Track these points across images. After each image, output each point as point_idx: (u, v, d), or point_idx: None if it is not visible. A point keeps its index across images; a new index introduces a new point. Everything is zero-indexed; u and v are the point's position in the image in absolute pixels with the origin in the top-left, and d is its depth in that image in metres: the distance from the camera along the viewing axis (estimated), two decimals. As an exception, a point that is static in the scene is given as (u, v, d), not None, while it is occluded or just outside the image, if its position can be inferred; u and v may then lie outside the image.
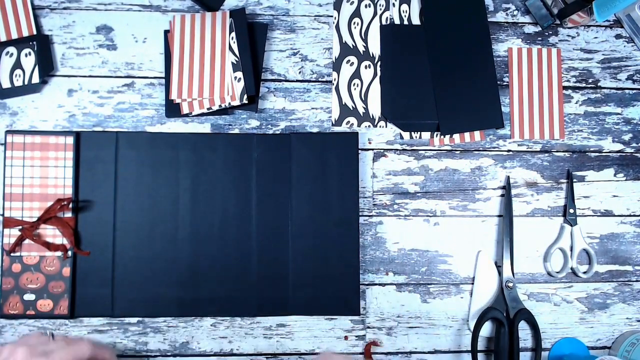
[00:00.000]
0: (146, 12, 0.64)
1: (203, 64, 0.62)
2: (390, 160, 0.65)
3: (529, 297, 0.65)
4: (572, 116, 0.67)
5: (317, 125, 0.65)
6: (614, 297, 0.66)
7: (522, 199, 0.66)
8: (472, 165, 0.66)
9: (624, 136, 0.67)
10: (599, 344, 0.66)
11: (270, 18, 0.65)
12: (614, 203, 0.67)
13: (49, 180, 0.60)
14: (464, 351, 0.64)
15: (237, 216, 0.62)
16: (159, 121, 0.63)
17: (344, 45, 0.65)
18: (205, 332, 0.62)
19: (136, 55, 0.64)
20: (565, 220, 0.66)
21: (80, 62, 0.63)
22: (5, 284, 0.59)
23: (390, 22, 0.66)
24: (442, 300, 0.64)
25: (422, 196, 0.65)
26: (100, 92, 0.63)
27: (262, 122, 0.64)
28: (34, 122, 0.62)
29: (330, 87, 0.65)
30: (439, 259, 0.65)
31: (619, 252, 0.66)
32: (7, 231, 0.60)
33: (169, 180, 0.62)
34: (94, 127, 0.63)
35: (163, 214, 0.61)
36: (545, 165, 0.66)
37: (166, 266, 0.61)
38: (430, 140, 0.66)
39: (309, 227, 0.62)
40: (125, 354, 0.61)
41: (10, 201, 0.60)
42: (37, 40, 0.61)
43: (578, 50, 0.68)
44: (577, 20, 0.65)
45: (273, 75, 0.65)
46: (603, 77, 0.68)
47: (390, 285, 0.64)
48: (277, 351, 0.63)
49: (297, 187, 0.63)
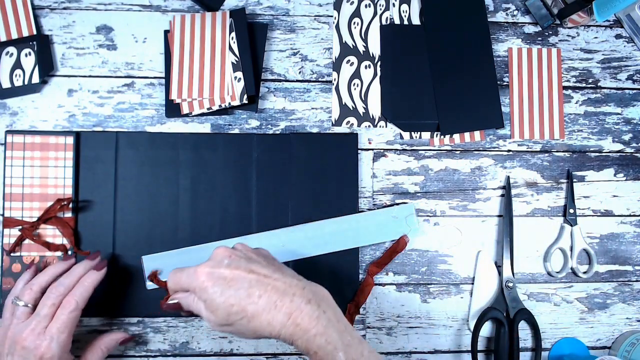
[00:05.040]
0: (146, 12, 0.64)
1: (203, 64, 0.62)
2: (390, 160, 0.65)
3: (529, 297, 0.65)
4: (572, 116, 0.67)
5: (317, 125, 0.65)
6: (614, 297, 0.66)
7: (522, 199, 0.66)
8: (472, 165, 0.66)
9: (624, 136, 0.67)
10: (599, 344, 0.66)
11: (270, 18, 0.65)
12: (614, 203, 0.67)
13: (49, 180, 0.60)
14: (464, 351, 0.64)
15: (237, 216, 0.62)
16: (159, 121, 0.63)
17: (344, 45, 0.65)
18: (205, 332, 0.62)
19: (136, 55, 0.64)
20: (565, 220, 0.66)
21: (80, 62, 0.63)
22: (5, 284, 0.59)
23: (390, 22, 0.66)
24: (442, 300, 0.64)
25: (422, 196, 0.65)
26: (100, 92, 0.63)
27: (262, 122, 0.64)
28: (34, 122, 0.62)
29: (330, 87, 0.65)
30: (439, 259, 0.65)
31: (619, 252, 0.66)
32: (7, 231, 0.60)
33: (169, 180, 0.62)
34: (94, 127, 0.63)
35: (163, 214, 0.61)
36: (545, 165, 0.66)
37: (166, 266, 0.61)
38: (430, 140, 0.66)
39: (309, 227, 0.62)
40: (125, 354, 0.61)
41: (10, 201, 0.60)
42: (37, 40, 0.61)
43: (578, 50, 0.68)
44: (577, 20, 0.65)
45: (273, 75, 0.65)
46: (603, 77, 0.68)
47: (390, 285, 0.64)
48: (277, 351, 0.63)
49: (297, 187, 0.63)
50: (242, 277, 0.48)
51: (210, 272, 0.48)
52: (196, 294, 0.48)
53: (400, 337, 0.64)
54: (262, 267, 0.49)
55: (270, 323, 0.46)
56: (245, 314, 0.47)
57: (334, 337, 0.46)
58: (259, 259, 0.51)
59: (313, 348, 0.46)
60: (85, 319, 0.61)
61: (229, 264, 0.49)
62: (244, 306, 0.47)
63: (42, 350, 0.50)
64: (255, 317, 0.47)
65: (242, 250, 0.52)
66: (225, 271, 0.48)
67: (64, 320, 0.51)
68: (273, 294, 0.47)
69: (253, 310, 0.47)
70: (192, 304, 0.50)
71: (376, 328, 0.63)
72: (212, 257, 0.50)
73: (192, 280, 0.48)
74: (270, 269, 0.49)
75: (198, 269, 0.49)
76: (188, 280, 0.49)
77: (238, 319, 0.47)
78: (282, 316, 0.46)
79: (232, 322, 0.47)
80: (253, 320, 0.47)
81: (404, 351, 0.64)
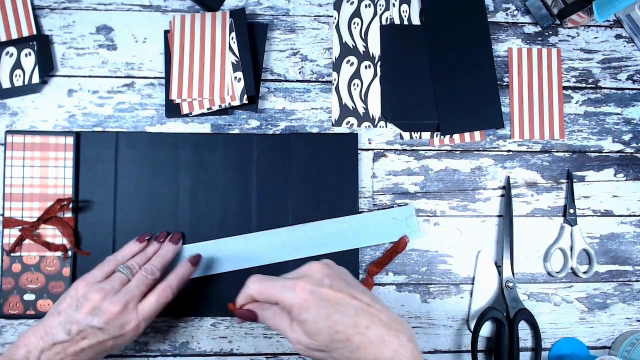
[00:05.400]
0: (146, 12, 0.64)
1: (203, 64, 0.62)
2: (390, 161, 0.65)
3: (529, 297, 0.65)
4: (572, 116, 0.67)
5: (317, 126, 0.65)
6: (614, 297, 0.66)
7: (522, 199, 0.66)
8: (472, 166, 0.66)
9: (624, 136, 0.67)
10: (599, 344, 0.66)
11: (270, 18, 0.65)
12: (614, 203, 0.67)
13: (49, 180, 0.60)
14: (464, 351, 0.64)
15: (237, 216, 0.62)
16: (159, 121, 0.63)
17: (344, 45, 0.65)
18: (205, 332, 0.62)
19: (136, 55, 0.64)
20: (565, 220, 0.66)
21: (80, 62, 0.63)
22: (5, 284, 0.59)
23: (390, 22, 0.66)
24: (442, 300, 0.64)
25: (422, 196, 0.65)
26: (100, 92, 0.63)
27: (262, 122, 0.64)
28: (34, 122, 0.62)
29: (330, 87, 0.65)
30: (439, 259, 0.65)
31: (619, 252, 0.66)
32: (7, 231, 0.60)
33: (169, 180, 0.62)
34: (94, 127, 0.63)
35: (163, 214, 0.61)
36: (545, 166, 0.66)
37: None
38: (430, 141, 0.66)
39: (309, 227, 0.62)
40: (125, 354, 0.61)
41: (10, 201, 0.60)
42: (37, 40, 0.61)
43: (578, 50, 0.68)
44: (577, 20, 0.65)
45: (273, 75, 0.65)
46: (603, 77, 0.68)
47: (390, 285, 0.64)
48: (277, 351, 0.63)
49: (297, 187, 0.63)
50: (347, 303, 0.45)
51: (313, 291, 0.44)
52: (291, 312, 0.45)
53: (400, 337, 0.64)
54: (361, 293, 0.46)
55: (376, 358, 0.44)
56: (349, 344, 0.44)
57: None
58: (354, 282, 0.48)
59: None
60: (85, 319, 0.61)
61: (331, 285, 0.45)
62: (350, 335, 0.44)
63: (131, 326, 0.50)
64: (360, 349, 0.44)
65: (336, 269, 0.48)
66: (329, 292, 0.45)
67: (156, 304, 0.52)
68: (380, 327, 0.44)
69: (359, 341, 0.44)
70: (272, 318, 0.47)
71: (376, 328, 0.63)
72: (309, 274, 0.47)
73: (289, 296, 0.45)
74: (369, 297, 0.46)
75: (298, 284, 0.45)
76: (282, 295, 0.45)
77: (340, 347, 0.44)
78: (390, 352, 0.44)
79: (331, 349, 0.44)
80: (357, 352, 0.44)
81: (404, 351, 0.64)
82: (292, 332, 0.45)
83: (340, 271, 0.48)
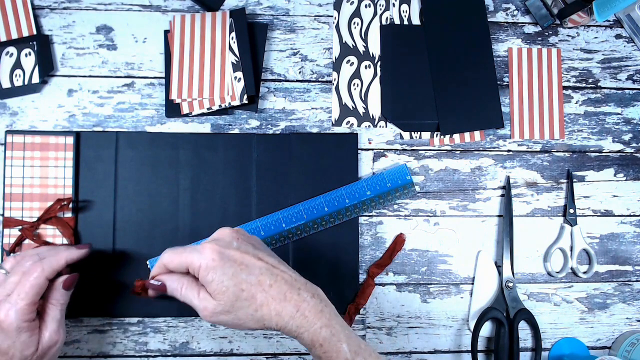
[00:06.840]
0: (146, 12, 0.64)
1: (203, 64, 0.62)
2: (390, 160, 0.65)
3: (529, 297, 0.65)
4: (572, 116, 0.67)
5: (317, 125, 0.65)
6: (614, 297, 0.66)
7: (522, 199, 0.66)
8: (472, 165, 0.66)
9: (624, 136, 0.67)
10: (599, 344, 0.66)
11: (270, 18, 0.65)
12: (614, 203, 0.67)
13: (49, 180, 0.60)
14: (464, 351, 0.64)
15: (237, 216, 0.62)
16: (159, 121, 0.63)
17: (344, 45, 0.65)
18: (205, 332, 0.62)
19: (136, 55, 0.64)
20: (565, 220, 0.66)
21: (80, 62, 0.63)
22: (5, 284, 0.59)
23: (390, 22, 0.66)
24: (442, 300, 0.64)
25: (422, 196, 0.65)
26: (100, 92, 0.63)
27: (262, 122, 0.64)
28: (34, 122, 0.62)
29: (330, 87, 0.65)
30: (439, 259, 0.65)
31: (619, 252, 0.66)
32: (7, 231, 0.60)
33: (169, 180, 0.62)
34: (94, 127, 0.63)
35: (163, 214, 0.61)
36: (545, 165, 0.66)
37: (166, 266, 0.61)
38: (430, 140, 0.66)
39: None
40: (125, 354, 0.61)
41: (10, 201, 0.60)
42: (37, 40, 0.61)
43: (578, 50, 0.68)
44: (577, 20, 0.65)
45: (273, 75, 0.65)
46: (603, 77, 0.68)
47: (390, 285, 0.64)
48: (277, 351, 0.63)
49: (297, 187, 0.63)
50: (252, 264, 0.47)
51: (221, 252, 0.47)
52: (199, 273, 0.46)
53: (400, 337, 0.64)
54: (268, 256, 0.49)
55: (279, 313, 0.46)
56: (253, 301, 0.46)
57: (337, 329, 0.47)
58: (261, 246, 0.50)
59: (319, 340, 0.46)
60: (85, 319, 0.61)
61: (238, 247, 0.48)
62: (254, 293, 0.46)
63: (1, 317, 0.47)
64: (264, 306, 0.46)
65: (245, 235, 0.51)
66: (235, 253, 0.47)
67: (25, 286, 0.48)
68: (283, 285, 0.47)
69: (262, 298, 0.46)
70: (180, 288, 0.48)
71: (376, 328, 0.63)
72: (219, 237, 0.49)
73: (198, 257, 0.46)
74: (274, 260, 0.49)
75: (206, 246, 0.47)
76: (191, 257, 0.47)
77: (245, 306, 0.46)
78: (291, 307, 0.46)
79: (237, 309, 0.46)
80: (261, 309, 0.46)
81: (404, 351, 0.64)
82: (200, 300, 0.47)
83: (250, 237, 0.51)
